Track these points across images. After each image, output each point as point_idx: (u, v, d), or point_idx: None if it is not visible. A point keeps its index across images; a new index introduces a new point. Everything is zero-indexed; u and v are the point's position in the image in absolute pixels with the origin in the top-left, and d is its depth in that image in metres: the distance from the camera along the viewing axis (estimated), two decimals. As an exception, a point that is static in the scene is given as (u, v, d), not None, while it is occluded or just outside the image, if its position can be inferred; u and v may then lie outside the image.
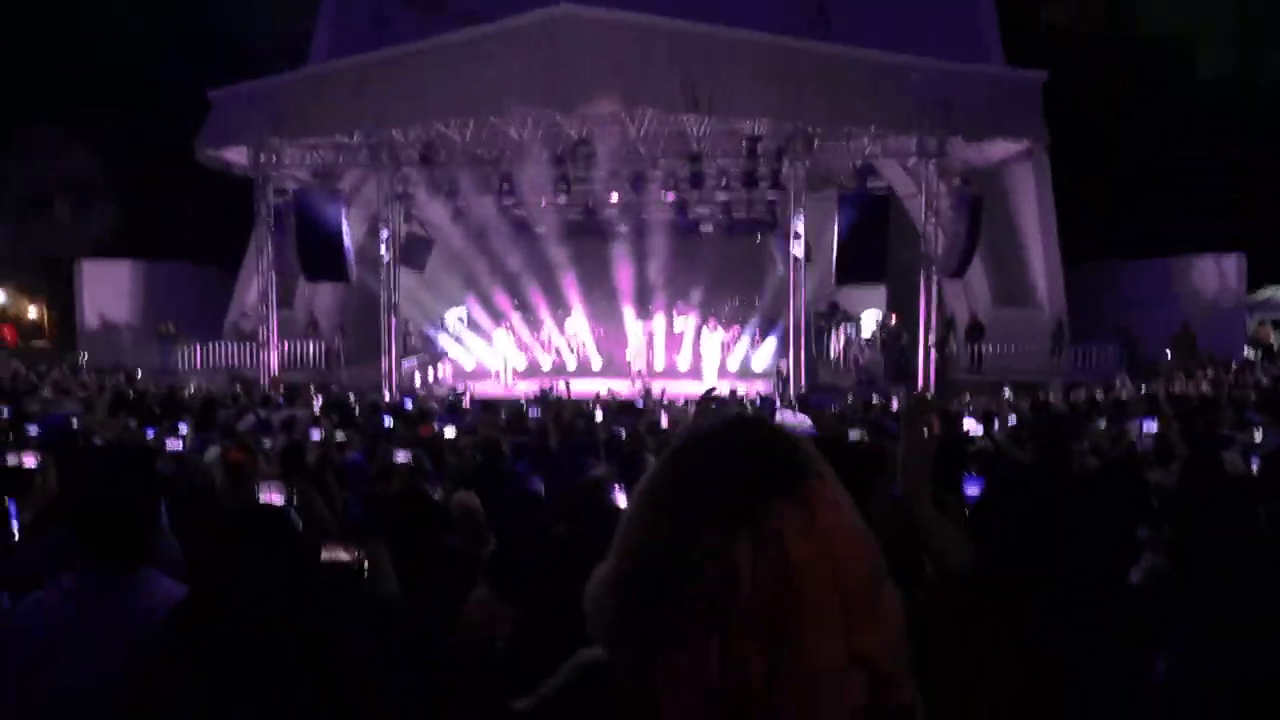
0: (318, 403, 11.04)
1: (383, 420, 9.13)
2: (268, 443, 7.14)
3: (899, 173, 18.97)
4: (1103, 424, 8.37)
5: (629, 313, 21.80)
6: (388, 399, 14.40)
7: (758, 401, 13.32)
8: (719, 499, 0.90)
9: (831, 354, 20.96)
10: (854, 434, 6.89)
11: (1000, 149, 17.57)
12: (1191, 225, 23.04)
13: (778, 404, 12.77)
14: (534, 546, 3.33)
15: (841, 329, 21.00)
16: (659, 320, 21.78)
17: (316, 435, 7.23)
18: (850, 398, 13.86)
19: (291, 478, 4.98)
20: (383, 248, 17.99)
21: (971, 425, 7.84)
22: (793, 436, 0.96)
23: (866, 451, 4.28)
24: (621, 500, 4.37)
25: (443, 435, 7.84)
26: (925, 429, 1.98)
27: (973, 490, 3.88)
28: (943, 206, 17.00)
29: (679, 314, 21.86)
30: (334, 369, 19.73)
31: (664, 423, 9.37)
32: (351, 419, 9.72)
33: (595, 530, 2.38)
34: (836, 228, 16.61)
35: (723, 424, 0.99)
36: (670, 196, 19.16)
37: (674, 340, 21.97)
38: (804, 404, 11.86)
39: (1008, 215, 19.57)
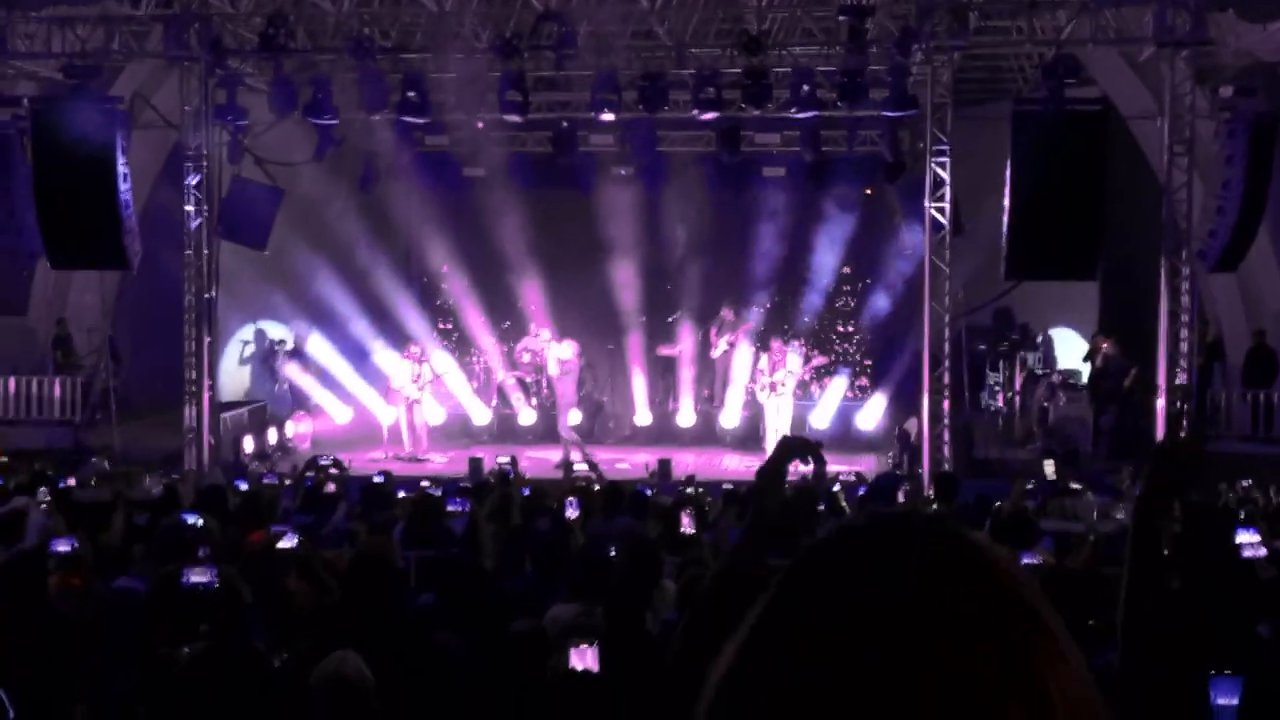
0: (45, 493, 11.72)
1: (181, 519, 9.63)
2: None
3: (1122, 73, 18.75)
4: None
5: (631, 326, 22.48)
6: (192, 480, 15.23)
7: (861, 492, 13.45)
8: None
9: (999, 404, 21.02)
10: (1029, 559, 7.73)
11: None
12: None
13: (901, 491, 13.50)
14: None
15: (1017, 361, 20.87)
16: (685, 341, 22.33)
17: (62, 547, 8.18)
18: (1031, 484, 13.60)
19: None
20: (191, 203, 18.31)
21: (1249, 540, 8.44)
22: (990, 552, 1.09)
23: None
24: (587, 663, 5.56)
25: (277, 547, 8.49)
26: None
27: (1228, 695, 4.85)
28: (1203, 136, 17.14)
29: (722, 331, 22.01)
30: (98, 425, 19.86)
31: (686, 524, 9.97)
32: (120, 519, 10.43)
33: None
34: (1010, 174, 16.56)
35: (874, 528, 1.12)
36: (709, 115, 18.63)
37: (711, 376, 22.34)
38: (945, 492, 12.34)
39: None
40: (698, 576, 8.00)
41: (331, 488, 13.10)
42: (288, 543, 8.48)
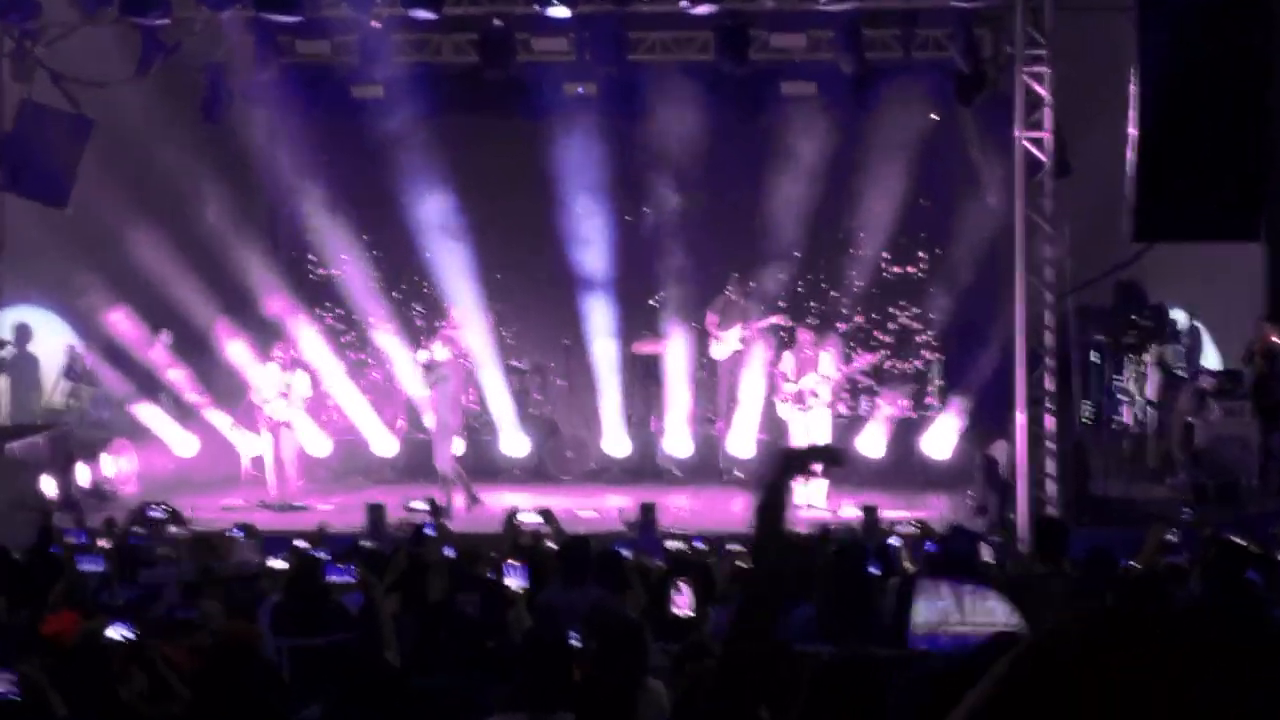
0: None
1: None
2: None
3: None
4: None
5: (597, 313, 22.73)
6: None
7: (928, 549, 13.53)
8: None
9: (1124, 418, 21.12)
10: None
11: None
12: None
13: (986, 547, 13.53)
14: None
15: (1150, 357, 21.00)
16: (673, 333, 22.32)
17: None
18: (1173, 534, 13.83)
19: None
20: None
21: None
22: None
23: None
24: None
25: (105, 635, 8.37)
26: None
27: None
28: None
29: (727, 319, 22.03)
30: None
31: (681, 603, 10.10)
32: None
33: None
34: (1136, 89, 16.77)
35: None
36: (704, 8, 19.18)
37: (713, 383, 22.52)
38: (1049, 546, 12.10)
39: None
40: (706, 674, 7.88)
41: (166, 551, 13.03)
42: (117, 631, 8.31)
